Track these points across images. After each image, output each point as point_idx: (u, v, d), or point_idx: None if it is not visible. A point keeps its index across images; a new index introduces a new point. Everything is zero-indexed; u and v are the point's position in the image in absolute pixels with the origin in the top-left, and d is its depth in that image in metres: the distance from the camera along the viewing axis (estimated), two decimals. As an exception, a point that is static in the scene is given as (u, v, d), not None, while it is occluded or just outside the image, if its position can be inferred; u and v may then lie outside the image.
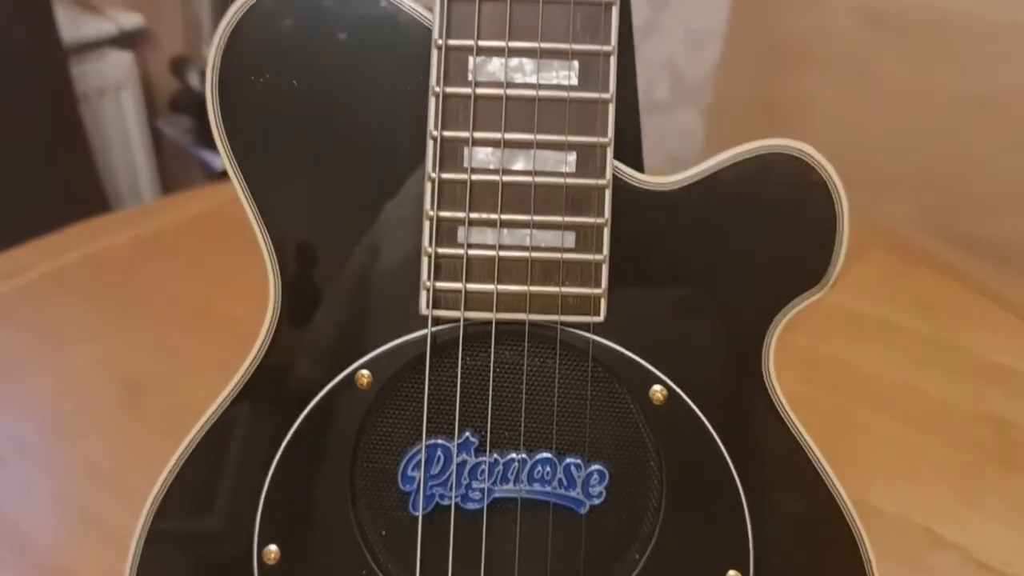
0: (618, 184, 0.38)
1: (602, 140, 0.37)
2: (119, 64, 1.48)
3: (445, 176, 0.38)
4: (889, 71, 1.06)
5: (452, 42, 0.37)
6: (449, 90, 0.37)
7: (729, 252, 0.40)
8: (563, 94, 0.37)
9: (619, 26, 0.37)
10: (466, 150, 0.38)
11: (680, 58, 1.31)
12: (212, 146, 0.37)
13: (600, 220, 0.38)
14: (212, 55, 0.39)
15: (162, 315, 0.80)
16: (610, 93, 0.37)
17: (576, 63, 0.37)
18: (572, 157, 0.38)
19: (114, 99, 1.48)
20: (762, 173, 0.39)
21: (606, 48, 0.37)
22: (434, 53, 0.37)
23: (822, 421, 0.43)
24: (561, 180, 0.38)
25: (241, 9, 0.38)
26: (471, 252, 0.38)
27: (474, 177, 0.38)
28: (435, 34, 0.37)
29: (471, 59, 0.37)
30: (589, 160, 0.38)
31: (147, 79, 1.55)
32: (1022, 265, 1.01)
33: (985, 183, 1.02)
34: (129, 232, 0.92)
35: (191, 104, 1.53)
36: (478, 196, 0.38)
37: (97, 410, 0.70)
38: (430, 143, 0.38)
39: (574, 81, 0.37)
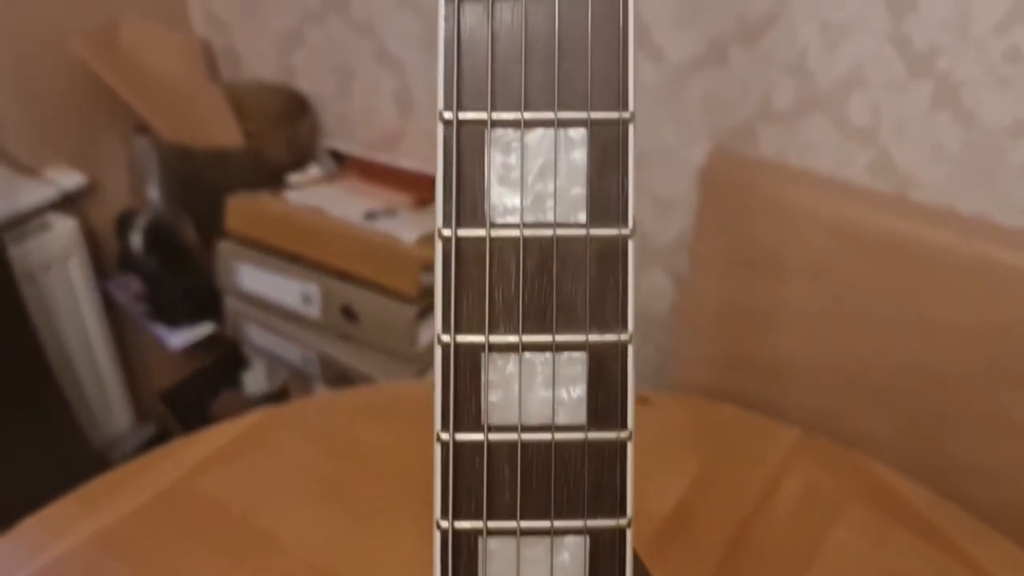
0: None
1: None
2: (64, 232, 1.41)
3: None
4: (861, 287, 1.03)
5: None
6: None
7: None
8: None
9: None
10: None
11: (648, 224, 1.28)
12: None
13: None
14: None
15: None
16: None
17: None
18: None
19: (61, 269, 1.42)
20: None
21: None
22: None
23: None
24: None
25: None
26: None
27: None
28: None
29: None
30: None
31: (93, 238, 1.49)
32: (997, 487, 0.99)
33: (959, 408, 1.00)
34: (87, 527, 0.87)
35: (138, 264, 1.48)
36: None
37: None
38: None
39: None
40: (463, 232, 0.33)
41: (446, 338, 0.33)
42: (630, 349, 0.33)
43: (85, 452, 1.42)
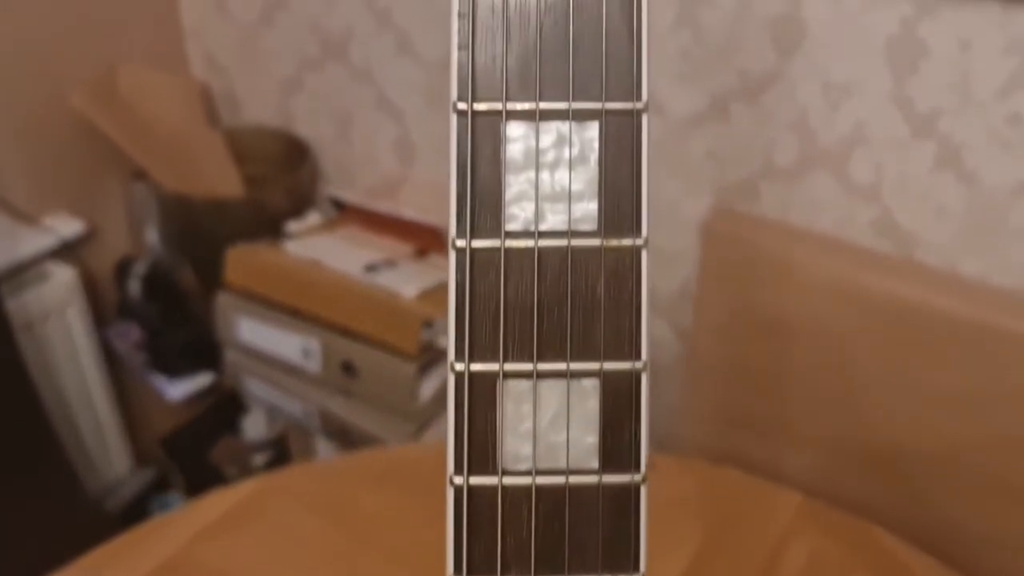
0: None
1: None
2: (63, 282, 1.41)
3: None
4: (864, 350, 1.03)
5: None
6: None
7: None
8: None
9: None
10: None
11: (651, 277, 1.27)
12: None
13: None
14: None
15: None
16: None
17: None
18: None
19: (59, 319, 1.41)
20: None
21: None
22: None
23: None
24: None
25: None
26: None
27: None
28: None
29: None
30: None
31: (93, 285, 1.49)
32: (1002, 556, 0.99)
33: (963, 474, 1.00)
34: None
35: (138, 310, 1.47)
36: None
37: None
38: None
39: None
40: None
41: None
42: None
43: (81, 501, 1.41)
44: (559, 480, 0.33)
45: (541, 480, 0.33)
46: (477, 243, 0.31)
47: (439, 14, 1.30)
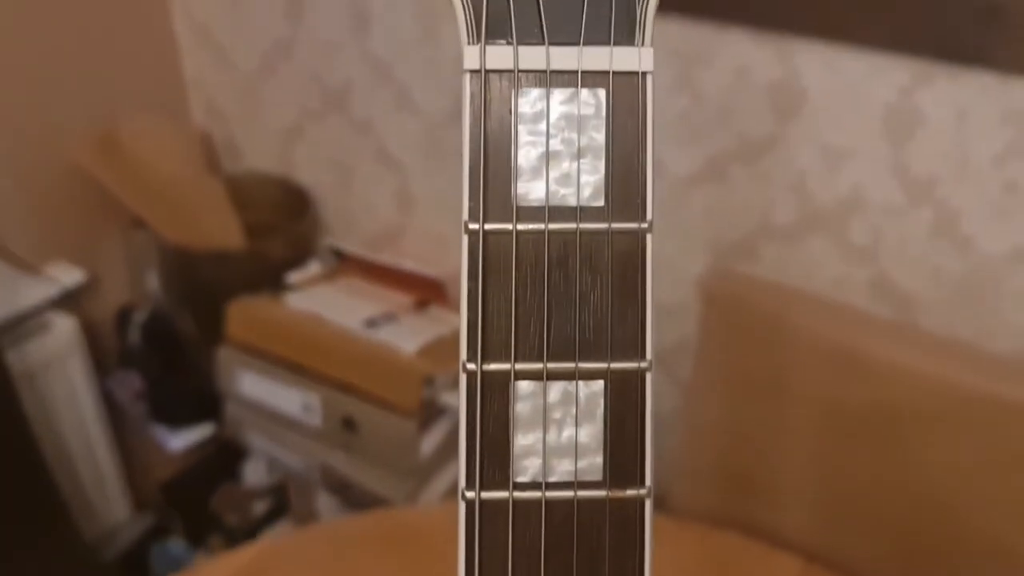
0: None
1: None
2: (63, 332, 1.41)
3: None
4: (860, 414, 1.04)
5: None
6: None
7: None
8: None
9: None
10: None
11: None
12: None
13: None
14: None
15: None
16: None
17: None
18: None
19: (60, 369, 1.41)
20: None
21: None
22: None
23: None
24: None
25: None
26: None
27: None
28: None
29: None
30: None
31: (94, 333, 1.49)
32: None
33: (960, 539, 1.00)
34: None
35: (139, 359, 1.48)
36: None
37: None
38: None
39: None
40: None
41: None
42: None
43: (80, 551, 1.41)
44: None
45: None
46: (487, 495, 0.32)
47: (439, 70, 1.32)
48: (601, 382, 0.33)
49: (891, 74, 1.02)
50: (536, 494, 0.33)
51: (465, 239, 0.31)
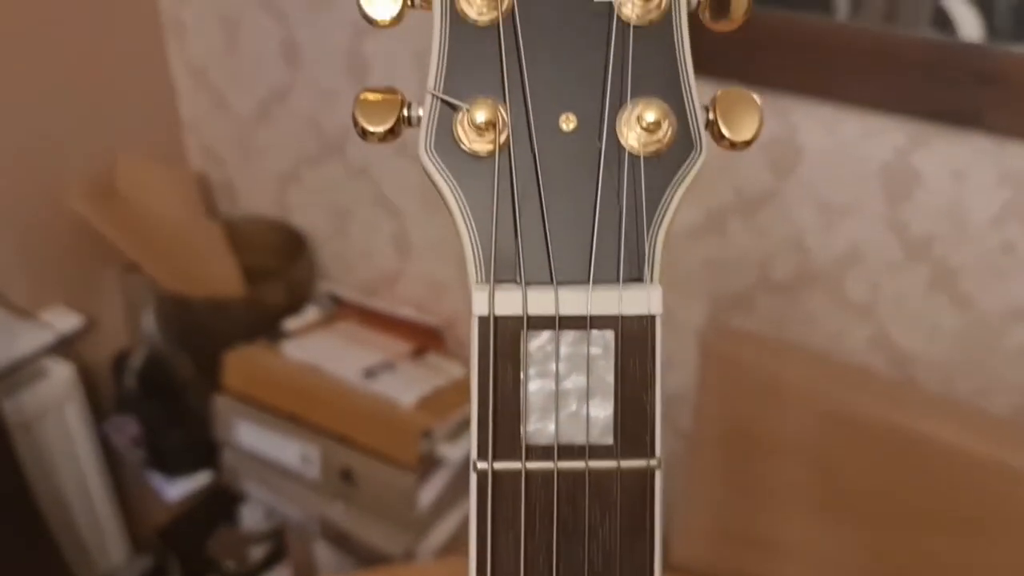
0: None
1: None
2: (60, 379, 1.41)
3: None
4: (854, 472, 1.04)
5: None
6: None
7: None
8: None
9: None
10: None
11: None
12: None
13: None
14: None
15: None
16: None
17: None
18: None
19: (57, 416, 1.41)
20: None
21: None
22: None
23: None
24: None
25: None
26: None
27: None
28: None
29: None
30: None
31: (91, 377, 1.48)
32: None
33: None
34: None
35: (136, 404, 1.47)
36: None
37: None
38: None
39: None
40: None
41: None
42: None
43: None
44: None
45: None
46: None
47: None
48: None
49: (888, 135, 1.02)
50: None
51: (474, 478, 0.31)
